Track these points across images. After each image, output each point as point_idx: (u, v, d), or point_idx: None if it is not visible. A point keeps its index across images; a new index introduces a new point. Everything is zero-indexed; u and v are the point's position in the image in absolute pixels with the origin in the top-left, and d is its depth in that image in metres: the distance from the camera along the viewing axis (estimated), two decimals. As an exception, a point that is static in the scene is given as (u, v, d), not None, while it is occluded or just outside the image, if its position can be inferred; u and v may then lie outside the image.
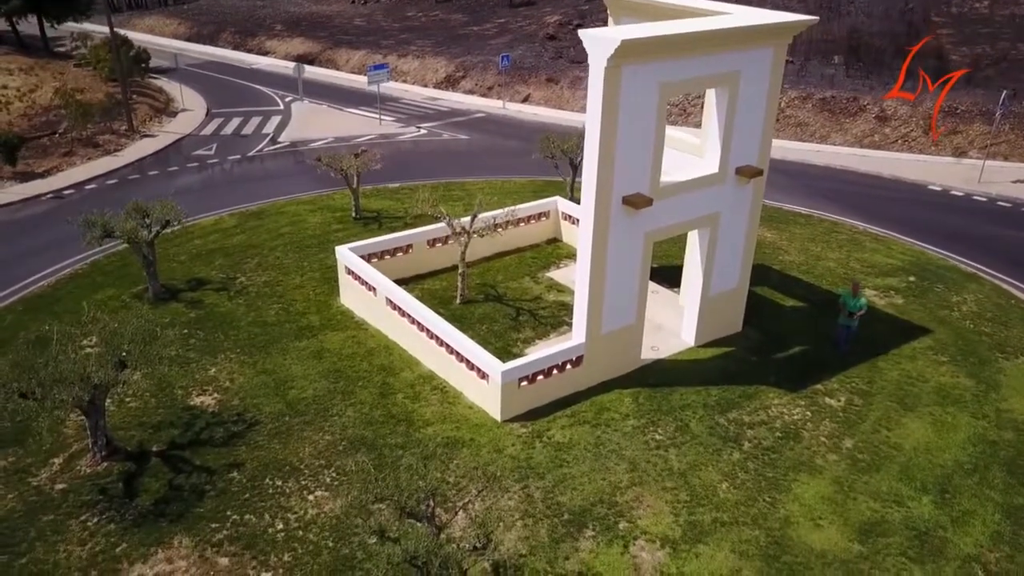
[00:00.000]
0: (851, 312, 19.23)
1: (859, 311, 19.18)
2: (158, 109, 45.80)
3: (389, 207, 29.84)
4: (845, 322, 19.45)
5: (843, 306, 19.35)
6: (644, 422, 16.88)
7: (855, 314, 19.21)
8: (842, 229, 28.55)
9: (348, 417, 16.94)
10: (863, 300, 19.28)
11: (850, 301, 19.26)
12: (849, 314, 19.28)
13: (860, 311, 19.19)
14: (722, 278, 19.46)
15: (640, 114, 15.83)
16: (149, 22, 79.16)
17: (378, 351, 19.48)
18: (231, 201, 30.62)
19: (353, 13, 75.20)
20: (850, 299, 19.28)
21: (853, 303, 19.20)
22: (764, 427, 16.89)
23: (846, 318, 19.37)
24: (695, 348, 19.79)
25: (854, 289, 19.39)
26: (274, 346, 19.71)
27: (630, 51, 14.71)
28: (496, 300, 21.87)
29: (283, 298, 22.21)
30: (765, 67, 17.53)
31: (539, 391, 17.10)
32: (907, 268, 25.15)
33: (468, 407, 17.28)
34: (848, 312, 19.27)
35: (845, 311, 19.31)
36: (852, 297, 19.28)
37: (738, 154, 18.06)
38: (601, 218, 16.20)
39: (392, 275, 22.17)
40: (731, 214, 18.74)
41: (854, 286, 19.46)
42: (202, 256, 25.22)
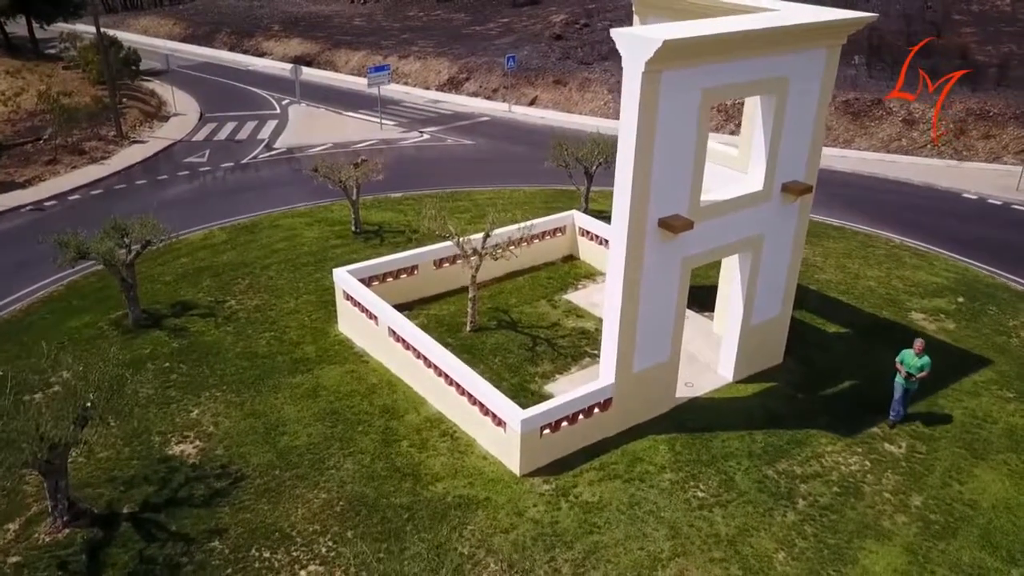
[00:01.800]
0: (911, 374, 16.10)
1: (922, 372, 16.05)
2: (149, 113, 43.79)
3: (391, 220, 27.84)
4: (905, 384, 16.24)
5: (902, 367, 16.16)
6: (683, 475, 14.86)
7: (915, 376, 16.10)
8: (878, 243, 26.53)
9: (347, 470, 14.92)
10: (927, 359, 16.03)
11: (912, 361, 16.10)
12: (908, 375, 16.12)
13: (923, 372, 16.05)
14: (764, 306, 17.45)
15: (680, 125, 13.82)
16: (144, 22, 77.16)
17: (380, 388, 17.47)
18: (223, 213, 28.63)
19: (352, 13, 73.16)
20: (912, 359, 16.11)
21: (916, 364, 16.08)
22: (819, 481, 14.87)
23: (906, 380, 16.18)
24: (733, 384, 17.77)
25: (918, 348, 16.12)
26: (265, 382, 17.70)
27: (673, 53, 12.71)
28: (510, 327, 19.85)
29: (275, 325, 20.19)
30: (817, 71, 15.53)
31: (563, 440, 15.10)
32: (954, 287, 23.13)
33: (482, 457, 15.28)
34: (907, 374, 16.12)
35: (904, 372, 16.12)
36: (915, 356, 16.10)
37: (785, 169, 16.06)
38: (635, 244, 14.19)
39: (395, 299, 20.22)
40: (776, 236, 16.73)
41: (917, 344, 16.14)
42: (189, 276, 23.20)
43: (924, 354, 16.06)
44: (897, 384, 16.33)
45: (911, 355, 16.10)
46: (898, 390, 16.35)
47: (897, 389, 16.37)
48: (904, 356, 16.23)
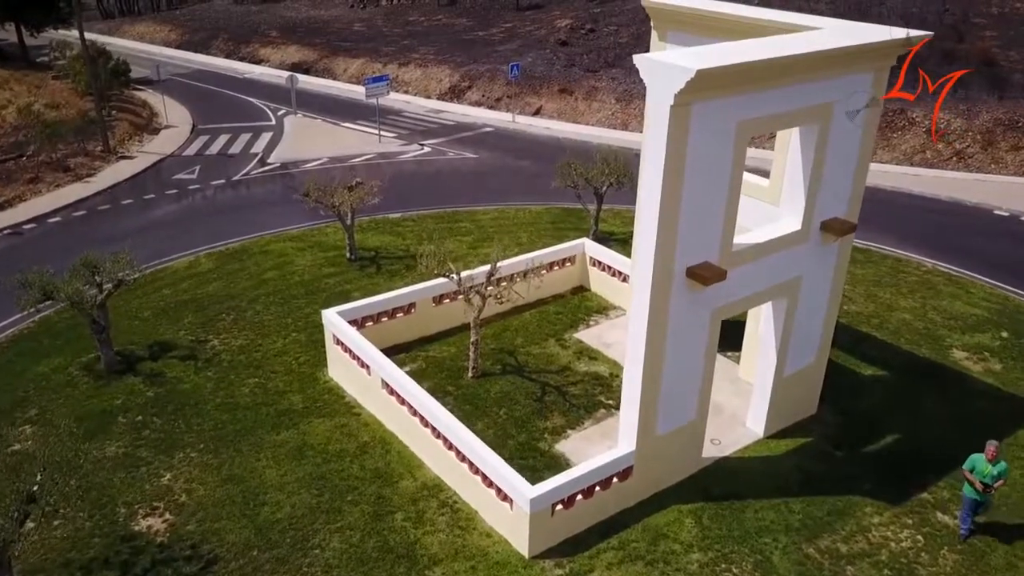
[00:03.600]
0: (985, 485, 13.20)
1: (999, 482, 13.23)
2: (139, 126, 42.13)
3: (390, 244, 26.15)
4: (977, 497, 13.34)
5: (974, 477, 13.27)
6: (713, 556, 13.14)
7: (991, 487, 13.22)
8: (909, 267, 24.77)
9: (333, 550, 13.22)
10: (1004, 465, 13.27)
11: (986, 469, 13.21)
12: (984, 487, 13.20)
13: (1000, 481, 13.24)
14: (798, 354, 15.73)
15: (712, 163, 12.12)
16: (140, 29, 75.58)
17: (372, 447, 15.77)
18: (210, 237, 26.95)
19: (352, 18, 71.48)
20: (985, 466, 13.23)
21: (991, 472, 13.19)
22: (868, 562, 13.13)
23: (978, 492, 13.28)
24: (764, 440, 16.05)
25: (991, 453, 13.23)
26: (245, 439, 16.02)
27: (705, 83, 11.00)
28: (516, 372, 18.14)
29: (260, 369, 18.51)
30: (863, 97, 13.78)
31: (578, 516, 13.39)
32: (995, 319, 21.37)
33: (486, 534, 13.57)
34: (983, 484, 13.19)
35: (979, 484, 13.20)
36: (987, 463, 13.26)
37: (825, 206, 14.33)
38: (659, 299, 12.49)
39: (392, 340, 18.63)
40: (813, 278, 15.01)
41: (990, 449, 13.20)
42: (169, 311, 21.53)
43: (999, 459, 13.30)
44: (967, 497, 13.46)
45: (983, 462, 13.22)
46: (967, 504, 13.50)
47: (966, 503, 13.50)
48: (975, 463, 13.34)
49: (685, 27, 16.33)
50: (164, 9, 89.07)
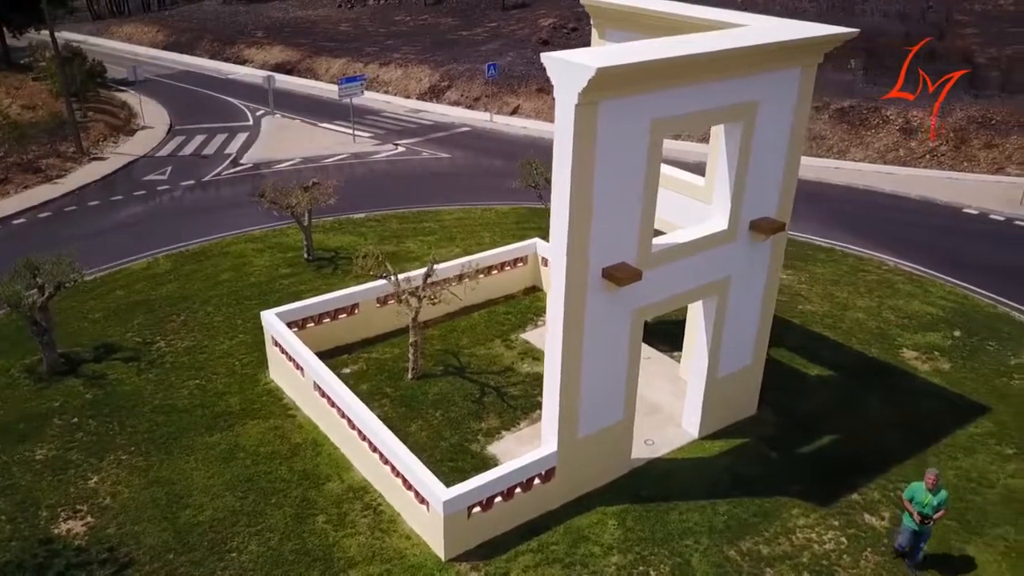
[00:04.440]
0: (924, 516, 12.48)
1: (939, 512, 12.51)
2: (116, 127, 42.09)
3: (350, 244, 26.03)
4: (916, 527, 12.61)
5: (913, 507, 12.56)
6: (632, 558, 13.02)
7: (931, 518, 12.48)
8: (870, 267, 24.61)
9: (250, 554, 13.12)
10: (944, 494, 12.52)
11: (925, 499, 12.45)
12: (923, 519, 12.49)
13: (940, 512, 12.52)
14: (733, 355, 15.59)
15: (626, 162, 11.99)
16: (128, 29, 75.62)
17: (304, 449, 15.67)
18: (173, 238, 26.87)
19: (339, 18, 71.41)
20: (924, 496, 12.47)
21: (930, 502, 12.44)
22: (788, 564, 13.00)
23: (921, 524, 12.55)
24: (699, 441, 15.92)
25: (930, 481, 12.49)
26: (177, 442, 15.93)
27: (609, 81, 10.88)
28: (457, 374, 18.03)
29: (203, 371, 18.43)
30: (790, 94, 13.69)
31: (497, 517, 13.27)
32: (950, 319, 21.21)
33: (406, 537, 13.46)
34: (921, 516, 12.50)
35: (917, 515, 12.50)
36: (927, 492, 12.49)
37: (753, 205, 14.20)
38: (574, 298, 12.36)
39: (334, 342, 18.57)
40: (744, 278, 14.87)
41: (929, 477, 12.48)
42: (120, 312, 21.45)
43: (939, 487, 12.51)
44: (905, 528, 12.77)
45: (923, 491, 12.49)
46: (906, 534, 12.78)
47: (904, 533, 12.80)
48: (914, 492, 12.61)
49: (623, 25, 16.24)
50: (155, 10, 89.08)
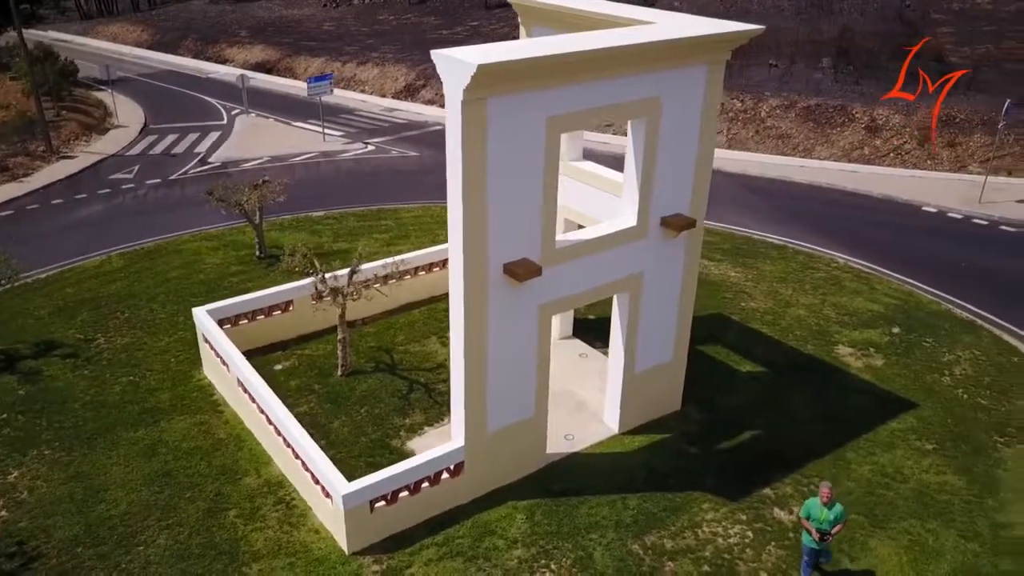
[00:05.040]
0: (823, 533, 12.04)
1: (836, 527, 12.07)
2: (89, 126, 42.23)
3: (304, 242, 25.93)
4: (814, 545, 12.18)
5: (810, 524, 12.12)
6: (535, 552, 13.12)
7: (829, 534, 12.05)
8: (820, 264, 24.69)
9: (157, 547, 13.24)
10: (839, 509, 12.09)
11: (821, 515, 12.05)
12: (821, 535, 12.05)
13: (837, 527, 12.07)
14: (651, 350, 15.68)
15: (522, 159, 12.08)
16: (113, 29, 75.81)
17: (226, 445, 15.78)
18: (130, 236, 27.00)
19: (323, 17, 71.57)
20: (820, 511, 12.07)
21: (826, 518, 12.03)
22: (689, 558, 13.09)
23: (815, 540, 12.11)
24: (619, 436, 16.01)
25: (824, 495, 12.05)
26: (102, 438, 16.05)
27: (495, 78, 10.98)
28: (388, 370, 18.13)
29: (138, 368, 18.54)
30: (696, 91, 13.75)
31: (404, 511, 13.38)
32: (892, 316, 21.29)
33: (314, 531, 13.57)
34: (819, 533, 12.05)
35: (815, 532, 12.06)
36: (822, 507, 12.09)
37: (663, 201, 14.28)
38: (474, 293, 12.46)
39: (268, 338, 18.70)
40: (658, 274, 14.95)
41: (824, 491, 12.04)
42: (67, 309, 21.57)
43: (834, 502, 12.12)
44: (806, 546, 12.30)
45: (818, 507, 12.06)
46: (806, 553, 12.35)
47: (805, 551, 12.36)
48: (809, 509, 12.14)
49: (547, 22, 16.30)
50: (144, 10, 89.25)
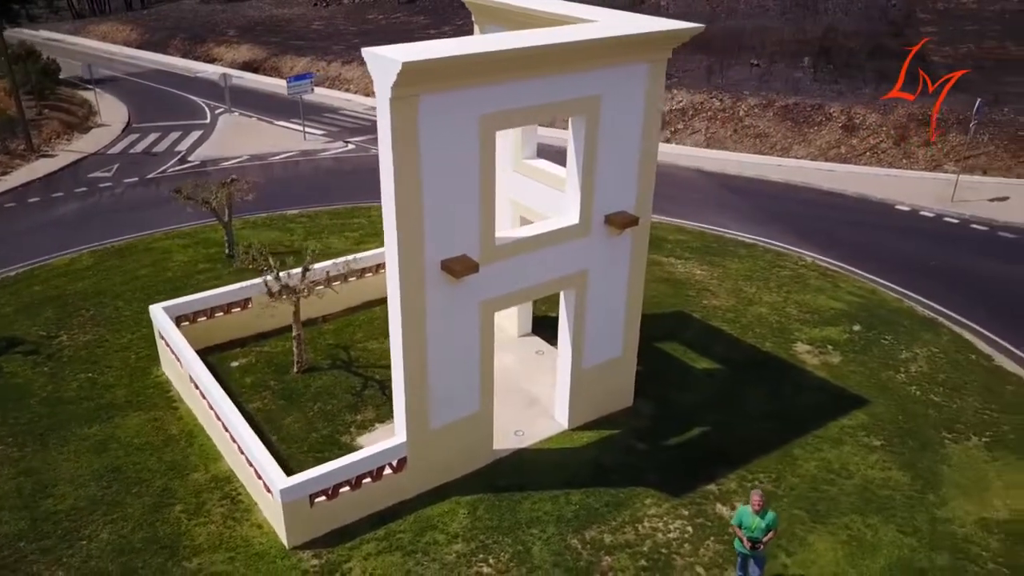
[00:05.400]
0: (754, 541, 11.80)
1: (768, 535, 11.78)
2: (72, 125, 42.35)
3: (275, 240, 26.24)
4: (746, 552, 12.00)
5: (742, 532, 11.89)
6: (474, 547, 13.22)
7: (761, 542, 11.78)
8: (787, 262, 24.79)
9: (100, 542, 13.35)
10: (772, 516, 11.81)
11: (752, 523, 11.78)
12: (752, 544, 11.83)
13: (770, 534, 11.78)
14: (600, 346, 15.78)
15: (456, 156, 12.18)
16: (104, 28, 75.94)
17: (177, 441, 15.89)
18: (103, 234, 27.12)
19: (313, 16, 71.68)
20: (752, 519, 11.79)
21: (758, 525, 11.76)
22: (626, 552, 13.19)
23: (751, 550, 11.91)
24: (569, 432, 16.12)
25: (755, 501, 11.76)
26: (55, 434, 16.15)
27: (422, 76, 11.08)
28: (344, 367, 18.24)
29: (97, 364, 18.65)
30: (637, 89, 13.82)
31: (345, 506, 13.48)
32: (854, 313, 21.39)
33: (257, 526, 13.67)
34: (751, 541, 11.82)
35: (747, 541, 11.84)
36: (754, 515, 11.80)
37: (607, 199, 14.37)
38: (411, 289, 12.56)
39: (227, 335, 18.84)
40: (604, 271, 15.04)
41: (755, 499, 11.75)
42: (32, 307, 21.68)
43: (767, 509, 11.87)
44: (739, 552, 12.21)
45: (749, 514, 11.81)
46: (740, 561, 12.28)
47: (739, 559, 12.30)
48: (741, 517, 11.91)
49: (499, 21, 16.42)
50: (137, 8, 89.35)
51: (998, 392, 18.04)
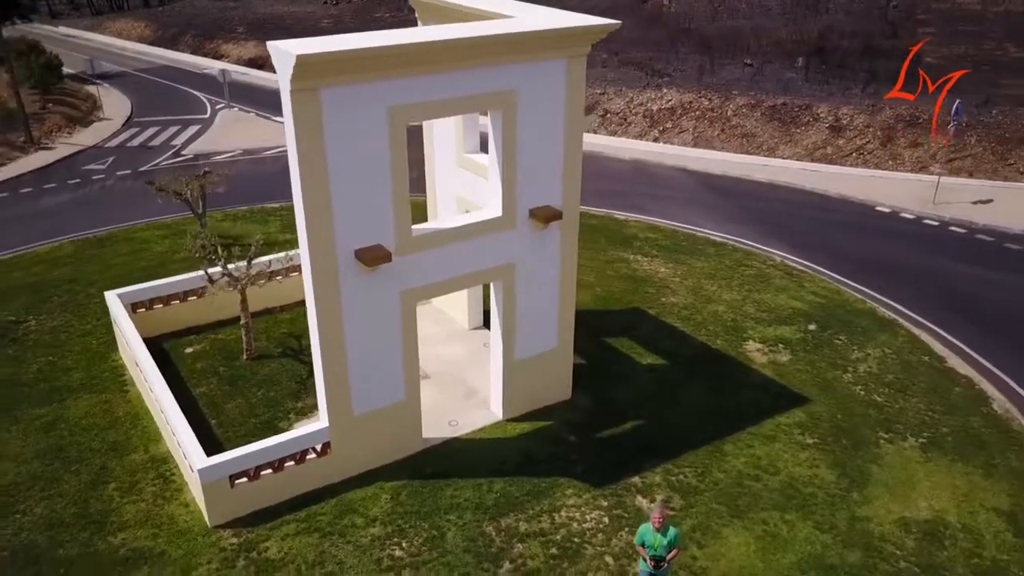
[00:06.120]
0: (657, 559, 11.46)
1: (672, 553, 11.48)
2: (74, 118, 43.26)
3: (251, 232, 26.69)
4: (650, 571, 11.70)
5: (645, 551, 11.55)
6: (391, 530, 13.53)
7: (664, 560, 11.46)
8: (753, 261, 24.84)
9: (34, 516, 13.83)
10: (673, 532, 11.48)
11: (654, 540, 11.44)
12: (655, 562, 11.49)
13: (673, 552, 11.48)
14: (533, 338, 16.02)
15: (365, 148, 12.49)
16: (119, 25, 77.18)
17: (122, 423, 16.36)
18: (87, 224, 27.82)
19: (323, 14, 72.42)
20: (654, 538, 11.45)
21: (659, 543, 11.41)
22: (539, 540, 13.43)
23: (655, 569, 11.61)
24: (503, 422, 16.38)
25: (656, 519, 11.41)
26: (7, 413, 16.69)
27: (320, 69, 11.42)
28: (293, 356, 18.63)
29: (59, 349, 19.21)
30: (557, 84, 14.04)
31: (268, 488, 13.85)
32: (812, 313, 21.43)
33: (184, 504, 14.09)
34: (654, 560, 11.49)
35: (649, 559, 11.52)
36: (655, 532, 11.45)
37: (531, 193, 14.61)
38: (323, 276, 12.89)
39: (184, 322, 19.34)
40: (532, 265, 15.27)
41: (655, 516, 11.42)
42: (8, 293, 22.33)
43: (669, 525, 11.54)
44: (642, 573, 11.91)
45: (651, 532, 11.45)
46: None
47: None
48: (643, 535, 11.56)
49: (438, 17, 16.69)
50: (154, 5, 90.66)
51: (944, 393, 18.03)
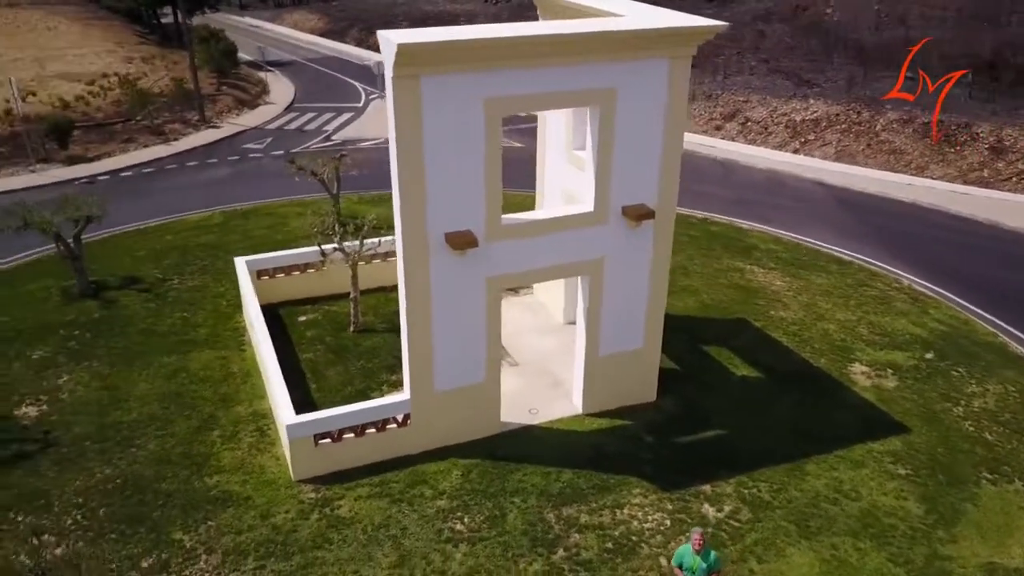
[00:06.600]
0: None
1: (712, 574, 11.25)
2: (243, 101, 46.97)
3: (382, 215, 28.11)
4: None
5: (682, 573, 11.33)
6: (456, 504, 14.09)
7: None
8: (877, 282, 23.61)
9: (147, 451, 15.43)
10: (714, 556, 11.24)
11: (693, 563, 11.17)
12: None
13: (713, 574, 11.25)
14: (618, 336, 16.10)
15: (461, 137, 13.07)
16: (295, 17, 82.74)
17: (235, 378, 17.86)
18: (237, 197, 30.29)
19: (480, 12, 74.49)
20: (692, 560, 11.18)
21: (699, 566, 11.15)
22: (596, 533, 13.56)
23: None
24: (582, 416, 16.57)
25: (695, 542, 11.14)
26: (141, 359, 18.62)
27: (420, 58, 12.07)
28: (396, 332, 19.45)
29: (193, 306, 21.16)
30: (658, 84, 14.08)
31: (348, 451, 14.75)
32: (931, 341, 20.18)
33: (275, 458, 15.26)
34: None
35: None
36: (694, 555, 11.20)
37: (624, 190, 14.72)
38: (414, 255, 13.60)
39: (303, 293, 20.79)
40: (622, 261, 15.36)
41: (695, 538, 11.14)
42: (159, 254, 24.77)
43: (709, 548, 11.29)
44: None
45: (690, 554, 11.17)
46: None
47: None
48: (682, 557, 11.30)
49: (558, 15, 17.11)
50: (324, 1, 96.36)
51: (1069, 440, 16.57)
